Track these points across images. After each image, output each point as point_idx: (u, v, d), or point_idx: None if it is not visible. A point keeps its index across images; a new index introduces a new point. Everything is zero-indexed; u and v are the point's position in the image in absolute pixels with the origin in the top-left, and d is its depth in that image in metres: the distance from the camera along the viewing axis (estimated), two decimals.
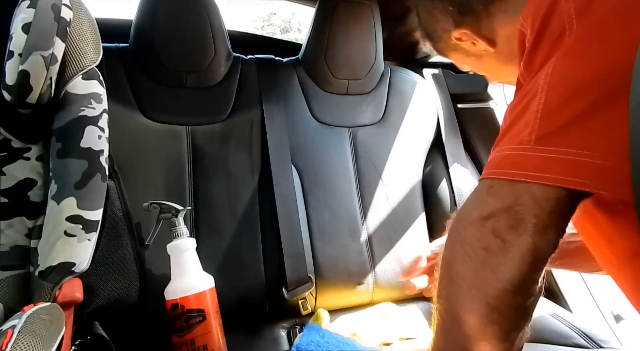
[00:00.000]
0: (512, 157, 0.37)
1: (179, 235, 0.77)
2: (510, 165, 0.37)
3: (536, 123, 0.36)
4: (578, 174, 0.33)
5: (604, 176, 0.33)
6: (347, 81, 1.07)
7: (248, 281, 0.89)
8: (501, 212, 0.36)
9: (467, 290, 0.38)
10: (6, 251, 0.61)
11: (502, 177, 0.37)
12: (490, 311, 0.36)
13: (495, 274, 0.36)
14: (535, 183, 0.35)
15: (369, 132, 1.07)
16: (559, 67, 0.36)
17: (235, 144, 0.95)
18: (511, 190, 0.36)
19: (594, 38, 0.35)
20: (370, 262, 0.98)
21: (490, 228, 0.36)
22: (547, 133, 0.35)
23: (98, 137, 0.65)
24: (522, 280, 0.35)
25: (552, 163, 0.35)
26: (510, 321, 0.37)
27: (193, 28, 0.92)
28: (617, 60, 0.33)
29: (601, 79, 0.34)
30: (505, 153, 0.38)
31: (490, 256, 0.36)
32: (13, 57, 0.57)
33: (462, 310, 0.38)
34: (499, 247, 0.36)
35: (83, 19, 0.66)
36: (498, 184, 0.38)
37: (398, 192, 1.05)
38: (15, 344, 0.42)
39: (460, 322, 0.38)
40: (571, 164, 0.34)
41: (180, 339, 0.71)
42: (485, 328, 0.37)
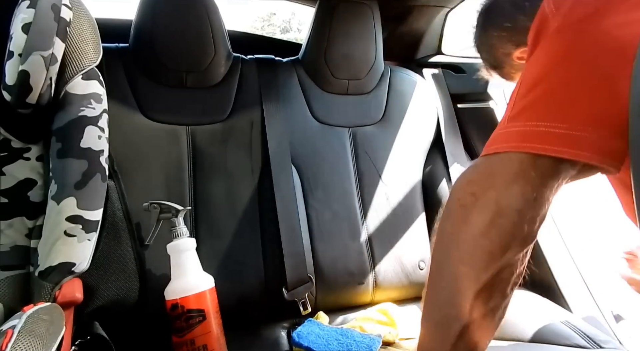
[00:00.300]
0: (494, 136, 0.45)
1: (179, 235, 0.77)
2: (490, 143, 0.45)
3: (511, 107, 0.45)
4: (534, 140, 0.40)
5: (556, 141, 0.39)
6: (347, 81, 1.07)
7: (248, 281, 0.89)
8: (478, 177, 0.44)
9: (446, 240, 0.44)
10: (6, 251, 0.61)
11: (484, 154, 0.45)
12: (462, 254, 0.42)
13: (466, 223, 0.42)
14: (502, 153, 0.42)
15: (369, 132, 1.07)
16: (531, 60, 0.45)
17: (235, 144, 0.95)
18: (488, 161, 0.44)
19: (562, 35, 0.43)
20: (370, 262, 0.98)
21: (469, 190, 0.43)
22: (516, 113, 0.43)
23: (98, 137, 0.65)
24: (488, 225, 0.40)
25: (514, 135, 0.42)
26: (480, 262, 0.41)
27: (193, 28, 0.92)
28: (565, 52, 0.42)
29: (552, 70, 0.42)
30: (493, 135, 0.46)
31: (465, 210, 0.42)
32: (13, 57, 0.57)
33: (443, 257, 0.45)
34: (472, 202, 0.42)
35: (83, 19, 0.66)
36: (480, 160, 0.45)
37: (398, 192, 1.05)
38: (15, 344, 0.42)
39: (442, 269, 0.45)
40: (529, 133, 0.41)
41: (180, 339, 0.71)
42: (457, 269, 0.42)
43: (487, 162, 0.44)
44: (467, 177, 0.45)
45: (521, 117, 0.43)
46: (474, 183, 0.43)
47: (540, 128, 0.41)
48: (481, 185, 0.42)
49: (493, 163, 0.43)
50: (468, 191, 0.43)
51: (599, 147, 0.39)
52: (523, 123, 0.42)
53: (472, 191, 0.43)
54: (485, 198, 0.41)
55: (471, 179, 0.44)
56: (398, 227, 1.02)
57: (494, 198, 0.41)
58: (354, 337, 0.80)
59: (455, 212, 0.44)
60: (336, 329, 0.83)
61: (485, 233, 0.41)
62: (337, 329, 0.83)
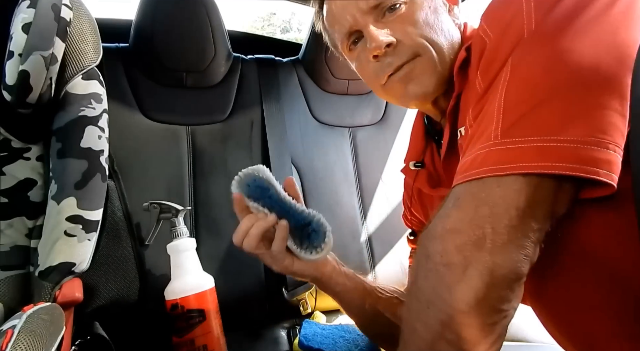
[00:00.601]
0: (481, 156, 0.37)
1: (179, 235, 0.77)
2: (477, 165, 0.36)
3: (500, 119, 0.36)
4: (540, 159, 0.33)
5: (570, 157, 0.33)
6: (347, 81, 1.07)
7: (248, 281, 0.89)
8: (464, 225, 0.35)
9: (425, 306, 0.37)
10: (6, 251, 0.61)
11: (469, 179, 0.37)
12: (444, 330, 0.35)
13: (451, 293, 0.34)
14: (497, 176, 0.35)
15: (369, 132, 1.07)
16: (516, 69, 0.37)
17: (235, 144, 0.95)
18: (475, 194, 0.36)
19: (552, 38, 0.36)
20: (370, 262, 0.98)
21: (452, 242, 0.35)
22: (510, 125, 0.36)
23: (98, 137, 0.65)
24: (479, 300, 0.34)
25: (514, 153, 0.35)
26: (466, 343, 0.35)
27: (193, 28, 0.92)
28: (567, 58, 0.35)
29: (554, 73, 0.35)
30: (474, 155, 0.38)
31: (450, 273, 0.35)
32: (13, 57, 0.57)
33: (419, 324, 0.37)
34: (459, 263, 0.35)
35: (83, 19, 0.66)
36: (463, 192, 0.37)
37: (398, 192, 1.04)
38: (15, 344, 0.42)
39: (416, 337, 0.38)
40: (534, 151, 0.34)
41: (180, 339, 0.71)
42: (437, 346, 0.35)
43: (473, 195, 0.36)
44: (450, 221, 0.36)
45: (518, 129, 0.35)
46: (460, 233, 0.35)
47: (548, 143, 0.34)
48: (469, 239, 0.34)
49: (482, 197, 0.35)
50: (452, 244, 0.35)
51: (608, 161, 0.33)
52: (522, 138, 0.35)
53: (458, 246, 0.35)
54: (476, 262, 0.34)
55: (456, 226, 0.36)
56: (398, 227, 1.02)
57: (487, 265, 0.33)
58: (357, 331, 0.80)
59: (437, 272, 0.36)
60: (337, 326, 0.83)
61: (474, 310, 0.34)
62: (338, 326, 0.83)
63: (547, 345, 0.81)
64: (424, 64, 0.51)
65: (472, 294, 0.34)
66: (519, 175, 0.34)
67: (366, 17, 0.52)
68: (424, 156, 0.63)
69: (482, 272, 0.34)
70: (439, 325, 0.35)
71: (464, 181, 0.37)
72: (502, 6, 0.41)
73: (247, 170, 0.56)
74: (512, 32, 0.38)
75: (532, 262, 0.35)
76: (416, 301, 0.38)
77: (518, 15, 0.38)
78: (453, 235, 0.36)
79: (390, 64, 0.52)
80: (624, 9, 0.35)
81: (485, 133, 0.37)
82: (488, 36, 0.41)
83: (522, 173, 0.34)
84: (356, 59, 0.58)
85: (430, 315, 0.36)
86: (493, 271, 0.33)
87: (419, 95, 0.53)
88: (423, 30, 0.50)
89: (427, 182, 0.62)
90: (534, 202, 0.34)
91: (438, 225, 0.37)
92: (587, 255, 0.37)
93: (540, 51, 0.37)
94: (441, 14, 0.53)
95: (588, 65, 0.34)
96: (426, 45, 0.50)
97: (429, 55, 0.51)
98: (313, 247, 0.55)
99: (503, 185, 0.34)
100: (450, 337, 0.35)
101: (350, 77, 1.07)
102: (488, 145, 0.36)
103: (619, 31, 0.35)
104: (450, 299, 0.34)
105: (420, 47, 0.50)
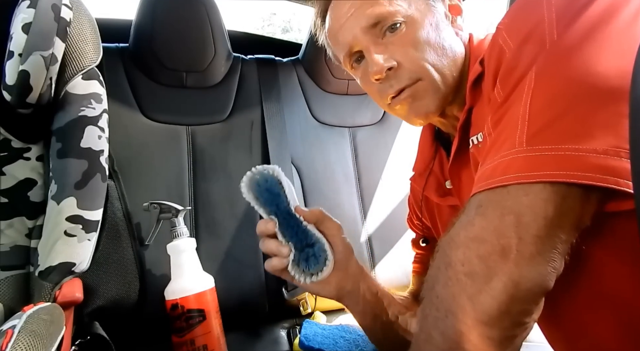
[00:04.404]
0: (504, 163, 0.35)
1: (179, 235, 0.77)
2: (501, 172, 0.35)
3: (525, 125, 0.35)
4: (568, 168, 0.32)
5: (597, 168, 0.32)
6: (347, 81, 1.07)
7: (248, 281, 0.89)
8: (487, 233, 0.34)
9: (443, 315, 0.36)
10: (6, 251, 0.61)
11: (493, 186, 0.35)
12: (462, 341, 0.34)
13: (473, 303, 0.34)
14: (523, 184, 0.33)
15: (369, 132, 1.07)
16: (540, 79, 0.36)
17: (235, 144, 0.95)
18: (499, 202, 0.35)
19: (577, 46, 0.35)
20: (370, 262, 0.98)
21: (476, 251, 0.34)
22: (536, 132, 0.34)
23: (98, 137, 0.65)
24: (501, 313, 0.33)
25: (541, 161, 0.33)
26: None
27: (193, 28, 0.92)
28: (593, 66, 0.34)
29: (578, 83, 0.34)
30: (496, 162, 0.36)
31: (472, 283, 0.34)
32: (13, 57, 0.57)
33: (435, 333, 0.36)
34: (482, 273, 0.34)
35: (83, 19, 0.66)
36: (487, 199, 0.36)
37: (398, 192, 1.04)
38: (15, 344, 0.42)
39: (432, 346, 0.37)
40: (562, 159, 0.32)
41: (180, 339, 0.71)
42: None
43: (498, 202, 0.34)
44: (474, 229, 0.35)
45: (544, 136, 0.34)
46: (484, 242, 0.34)
47: (574, 152, 0.32)
48: (493, 248, 0.33)
49: (508, 205, 0.34)
50: (475, 253, 0.34)
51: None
52: (549, 146, 0.33)
53: (481, 255, 0.34)
54: (500, 273, 0.32)
55: (479, 235, 0.34)
56: (398, 227, 1.02)
57: (512, 277, 0.32)
58: (357, 332, 0.81)
59: (458, 281, 0.35)
60: (337, 326, 0.83)
61: (496, 322, 0.33)
62: (338, 326, 0.83)
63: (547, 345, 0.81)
64: (425, 87, 0.51)
65: (495, 306, 0.33)
66: (546, 183, 0.33)
67: (367, 37, 0.52)
68: (432, 164, 0.63)
69: (507, 284, 0.33)
70: (457, 335, 0.34)
71: (487, 189, 0.36)
72: (524, 16, 0.40)
73: (261, 169, 0.53)
74: (533, 42, 0.37)
75: (558, 274, 0.34)
76: (434, 309, 0.37)
77: (540, 25, 0.37)
78: (476, 243, 0.34)
79: (392, 87, 0.52)
80: None
81: (508, 141, 0.36)
82: (508, 45, 0.40)
83: (550, 182, 0.33)
84: (360, 77, 0.59)
85: (448, 324, 0.35)
86: (519, 284, 0.32)
87: (422, 116, 0.53)
88: (424, 53, 0.50)
89: (435, 190, 0.62)
90: (562, 211, 0.33)
91: (461, 233, 0.36)
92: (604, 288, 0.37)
93: (563, 62, 0.36)
94: (443, 29, 0.52)
95: (610, 76, 0.33)
96: (427, 69, 0.50)
97: (430, 78, 0.51)
98: (309, 273, 0.53)
99: (531, 193, 0.33)
100: (467, 348, 0.34)
101: (350, 77, 1.06)
102: (512, 152, 0.35)
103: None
104: (471, 309, 0.33)
105: (421, 71, 0.51)
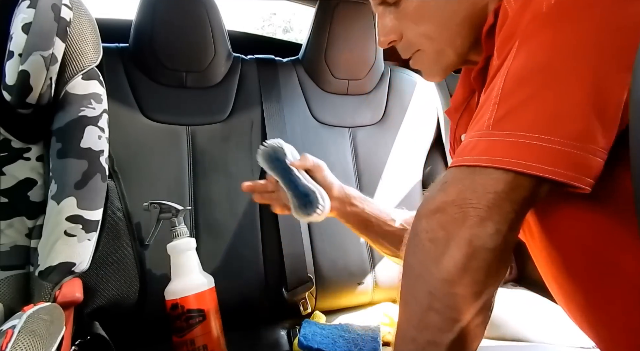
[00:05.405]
0: (471, 143, 0.39)
1: (179, 235, 0.77)
2: (467, 152, 0.39)
3: (495, 108, 0.37)
4: (521, 156, 0.35)
5: (546, 158, 0.34)
6: (347, 81, 1.07)
7: (248, 281, 0.89)
8: (447, 206, 0.38)
9: (414, 280, 0.40)
10: (6, 251, 0.61)
11: (460, 164, 0.39)
12: (432, 301, 0.37)
13: (436, 265, 0.37)
14: (481, 167, 0.37)
15: (369, 132, 1.07)
16: (520, 51, 0.37)
17: (235, 144, 0.95)
18: (460, 180, 0.38)
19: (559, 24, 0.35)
20: (370, 262, 0.98)
21: (437, 221, 0.38)
22: (501, 116, 0.37)
23: (98, 137, 0.65)
24: (460, 270, 0.36)
25: (500, 146, 0.36)
26: (453, 310, 0.37)
27: (193, 28, 0.92)
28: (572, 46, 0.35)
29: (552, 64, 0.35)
30: (468, 140, 0.39)
31: (435, 247, 0.38)
32: (13, 57, 0.57)
33: (410, 298, 0.40)
34: (443, 238, 0.37)
35: (83, 19, 0.66)
36: (452, 176, 0.39)
37: (398, 192, 1.04)
38: (15, 344, 0.42)
39: (409, 310, 0.40)
40: (517, 146, 0.35)
41: (180, 339, 0.71)
42: (427, 317, 0.38)
43: (459, 180, 0.38)
44: (436, 202, 0.39)
45: (507, 122, 0.36)
46: (443, 212, 0.38)
47: (532, 141, 0.35)
48: (452, 217, 0.37)
49: (466, 183, 0.37)
50: (437, 222, 0.38)
51: (589, 166, 0.35)
52: (509, 131, 0.36)
53: (442, 223, 0.38)
54: (457, 236, 0.36)
55: (440, 206, 0.38)
56: None
57: (466, 237, 0.36)
58: (357, 331, 0.81)
59: (423, 248, 0.39)
60: (336, 326, 0.83)
61: (458, 279, 0.36)
62: (337, 326, 0.84)
63: (547, 345, 0.81)
64: (425, 57, 0.54)
65: (453, 264, 0.36)
66: (499, 168, 0.36)
67: (377, 6, 0.55)
68: (469, 99, 0.61)
69: (462, 244, 0.36)
70: (427, 296, 0.38)
71: (455, 165, 0.40)
72: None
73: (270, 142, 0.73)
74: (532, 7, 0.37)
75: (506, 238, 0.37)
76: (406, 276, 0.41)
77: None
78: (438, 214, 0.38)
79: (401, 52, 0.56)
80: None
81: (481, 120, 0.39)
82: (511, 7, 0.39)
83: (500, 168, 0.36)
84: None
85: (418, 287, 0.39)
86: (472, 242, 0.36)
87: (433, 79, 0.57)
88: (421, 27, 0.51)
89: (465, 127, 0.61)
90: (511, 189, 0.36)
91: (425, 206, 0.40)
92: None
93: (549, 32, 0.36)
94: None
95: (603, 54, 0.33)
96: (424, 42, 0.52)
97: (428, 50, 0.53)
98: (307, 213, 0.69)
99: (485, 174, 0.37)
100: (437, 306, 0.37)
101: (350, 77, 1.07)
102: (480, 133, 0.38)
103: None
104: (435, 270, 0.37)
105: (419, 44, 0.53)
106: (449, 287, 0.37)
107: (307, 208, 0.68)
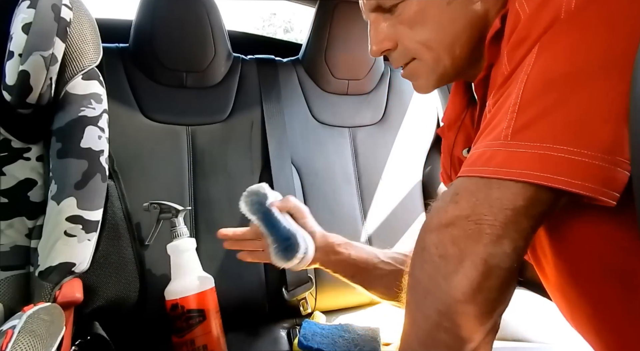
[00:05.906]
0: (487, 154, 0.36)
1: (179, 235, 0.77)
2: (482, 162, 0.36)
3: (513, 117, 0.35)
4: (546, 169, 0.33)
5: (575, 172, 0.32)
6: (347, 81, 1.07)
7: (248, 281, 0.89)
8: (460, 220, 0.36)
9: (422, 296, 0.38)
10: (6, 251, 0.61)
11: (472, 175, 0.37)
12: (442, 319, 0.36)
13: (448, 282, 0.35)
14: (499, 179, 0.35)
15: (369, 132, 1.07)
16: (540, 58, 0.35)
17: (235, 144, 0.95)
18: (472, 192, 0.36)
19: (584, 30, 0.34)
20: None
21: (449, 235, 0.36)
22: (522, 126, 0.34)
23: (98, 137, 0.65)
24: (474, 290, 0.34)
25: (520, 158, 0.34)
26: (463, 330, 0.35)
27: (193, 28, 0.92)
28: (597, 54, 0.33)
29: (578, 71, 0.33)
30: (482, 150, 0.37)
31: (446, 264, 0.36)
32: (13, 57, 0.57)
33: (418, 315, 0.38)
34: (455, 255, 0.35)
35: (83, 19, 0.66)
36: (463, 187, 0.37)
37: (398, 192, 1.05)
38: (15, 344, 0.42)
39: (416, 328, 0.39)
40: (542, 159, 0.33)
41: (180, 339, 0.71)
42: (436, 335, 0.36)
43: (472, 192, 0.36)
44: (448, 215, 0.37)
45: (529, 132, 0.34)
46: (455, 226, 0.36)
47: (559, 153, 0.32)
48: (465, 233, 0.35)
49: (480, 196, 0.35)
50: (448, 238, 0.36)
51: (616, 179, 0.32)
52: (532, 143, 0.33)
53: (454, 239, 0.35)
54: (471, 254, 0.34)
55: (452, 221, 0.36)
56: (398, 227, 1.02)
57: (481, 256, 0.34)
58: (357, 331, 0.81)
59: (432, 263, 0.37)
60: (336, 326, 0.83)
61: (471, 298, 0.34)
62: (337, 326, 0.83)
63: (547, 345, 0.81)
64: (421, 66, 0.51)
65: (468, 283, 0.34)
66: (518, 181, 0.34)
67: (369, 14, 0.52)
68: (464, 115, 0.59)
69: (477, 263, 0.34)
70: (436, 314, 0.36)
71: (467, 175, 0.37)
72: None
73: (251, 188, 0.71)
74: (548, 11, 0.35)
75: (521, 255, 0.36)
76: (414, 292, 0.39)
77: None
78: (449, 228, 0.36)
79: (394, 62, 0.54)
80: None
81: (497, 129, 0.36)
82: (524, 10, 0.37)
83: (522, 181, 0.34)
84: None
85: (427, 304, 0.37)
86: (487, 262, 0.34)
87: (426, 91, 0.54)
88: (419, 34, 0.49)
89: (463, 146, 0.59)
90: (530, 205, 0.34)
91: (434, 219, 0.38)
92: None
93: (570, 39, 0.34)
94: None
95: (629, 60, 0.31)
96: (421, 50, 0.49)
97: (425, 59, 0.50)
98: (287, 258, 0.65)
99: (503, 187, 0.35)
100: (447, 325, 0.35)
101: (350, 77, 1.07)
102: (496, 144, 0.36)
103: None
104: (447, 288, 0.35)
105: (415, 52, 0.50)
106: (460, 306, 0.35)
107: (287, 252, 0.65)
